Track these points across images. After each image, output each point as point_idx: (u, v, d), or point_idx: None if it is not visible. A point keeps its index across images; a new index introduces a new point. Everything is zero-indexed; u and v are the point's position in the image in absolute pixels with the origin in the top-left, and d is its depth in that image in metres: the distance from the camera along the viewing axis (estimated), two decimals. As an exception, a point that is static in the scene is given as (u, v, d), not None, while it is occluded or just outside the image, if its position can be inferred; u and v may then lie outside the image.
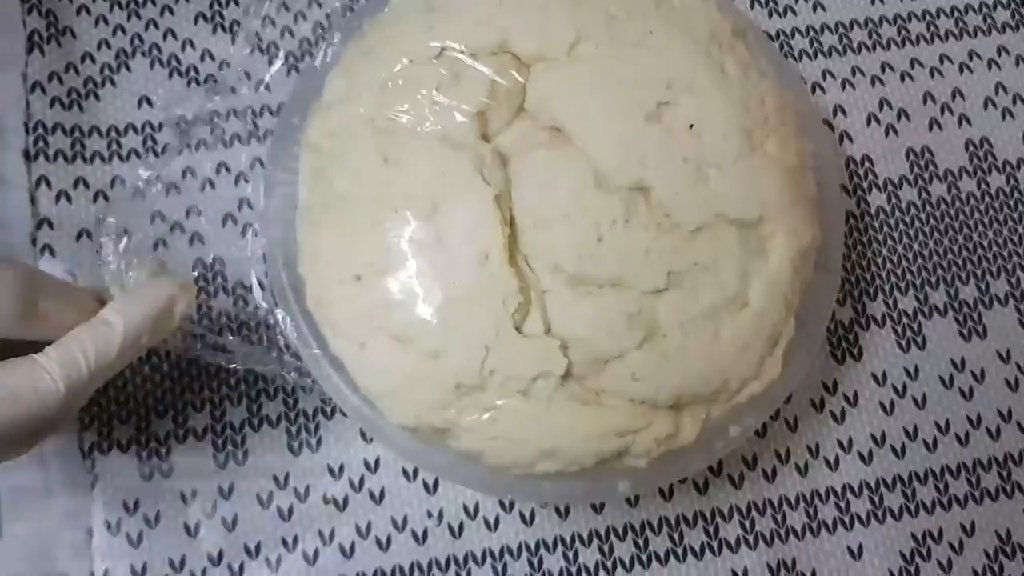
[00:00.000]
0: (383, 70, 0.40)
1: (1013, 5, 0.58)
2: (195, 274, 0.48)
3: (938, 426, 0.50)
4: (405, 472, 0.47)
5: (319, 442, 0.47)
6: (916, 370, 0.51)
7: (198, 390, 0.46)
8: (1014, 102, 0.56)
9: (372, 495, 0.46)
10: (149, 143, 0.49)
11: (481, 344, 0.37)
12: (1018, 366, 0.52)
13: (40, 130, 0.48)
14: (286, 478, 0.46)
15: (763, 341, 0.39)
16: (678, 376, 0.38)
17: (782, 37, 0.56)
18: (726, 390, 0.39)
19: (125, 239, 0.42)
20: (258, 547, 0.45)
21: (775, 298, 0.39)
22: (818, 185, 0.44)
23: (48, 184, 0.47)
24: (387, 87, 0.40)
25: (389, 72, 0.40)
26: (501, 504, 0.47)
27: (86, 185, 0.48)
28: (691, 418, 0.39)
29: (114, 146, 0.49)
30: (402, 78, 0.40)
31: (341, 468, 0.46)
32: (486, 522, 0.47)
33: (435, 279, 0.38)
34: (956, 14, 0.57)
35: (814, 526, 0.48)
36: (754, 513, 0.48)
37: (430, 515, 0.46)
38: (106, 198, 0.48)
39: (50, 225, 0.47)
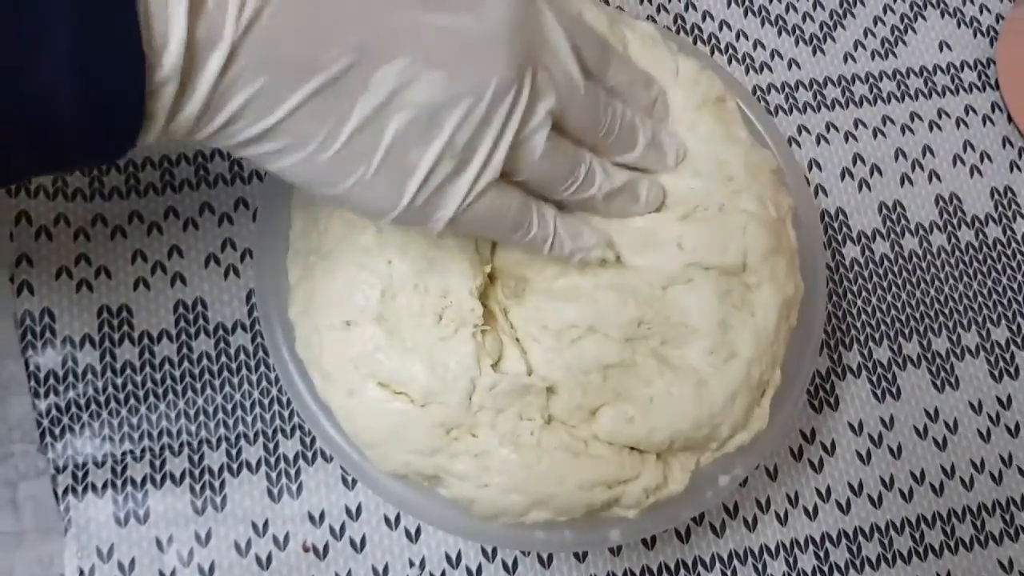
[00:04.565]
0: None
1: (979, 67, 0.60)
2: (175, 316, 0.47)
3: (913, 476, 0.51)
4: (387, 519, 0.46)
5: (300, 488, 0.46)
6: (891, 420, 0.52)
7: (176, 434, 0.46)
8: (981, 160, 0.58)
9: (353, 543, 0.46)
10: (132, 182, 0.49)
11: (467, 381, 0.37)
12: (989, 417, 0.53)
13: None
14: (265, 525, 0.45)
15: (751, 390, 0.40)
16: (669, 419, 0.38)
17: (759, 93, 0.57)
18: (717, 437, 0.39)
19: None
20: (235, 596, 0.44)
21: (762, 348, 0.40)
22: (799, 239, 0.45)
23: (28, 220, 0.47)
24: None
25: None
26: (484, 553, 0.46)
27: (67, 222, 0.47)
28: (680, 468, 0.40)
29: (96, 184, 0.48)
30: None
31: (322, 515, 0.46)
32: (468, 571, 0.46)
33: (419, 325, 0.38)
34: (925, 74, 0.59)
35: (794, 575, 0.49)
36: (735, 562, 0.48)
37: (412, 564, 0.46)
38: (87, 236, 0.47)
39: (29, 262, 0.46)
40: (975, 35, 0.61)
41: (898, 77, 0.59)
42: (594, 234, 0.39)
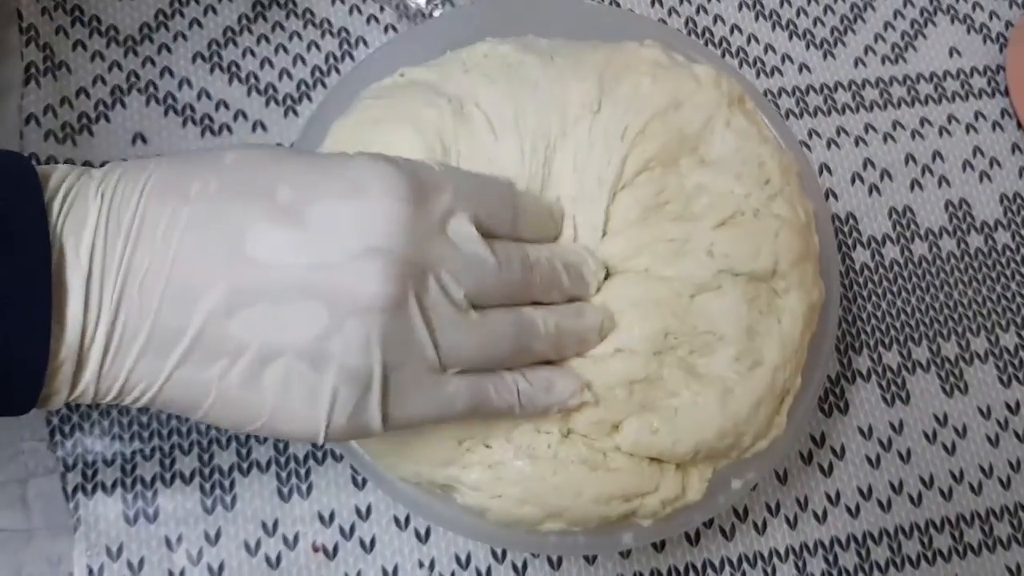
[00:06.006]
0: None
1: (989, 73, 0.60)
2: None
3: (923, 480, 0.51)
4: (397, 520, 0.46)
5: (310, 488, 0.46)
6: (901, 424, 0.52)
7: (186, 433, 0.45)
8: (991, 165, 0.58)
9: (363, 543, 0.46)
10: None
11: None
12: (998, 422, 0.53)
13: (34, 162, 0.47)
14: (275, 524, 0.45)
15: (775, 398, 0.39)
16: (694, 430, 0.38)
17: (770, 97, 0.57)
18: (739, 446, 0.39)
19: None
20: (244, 596, 0.44)
21: (787, 355, 0.39)
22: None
23: (39, 218, 0.47)
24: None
25: None
26: (494, 554, 0.46)
27: (78, 220, 0.47)
28: (698, 477, 0.39)
29: (107, 182, 0.48)
30: None
31: (332, 515, 0.46)
32: (478, 572, 0.46)
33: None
34: (935, 79, 0.60)
35: (803, 579, 0.49)
36: (745, 565, 0.48)
37: (421, 564, 0.46)
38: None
39: (40, 260, 0.46)
40: (984, 41, 0.61)
41: (908, 82, 0.59)
42: (568, 379, 0.36)
